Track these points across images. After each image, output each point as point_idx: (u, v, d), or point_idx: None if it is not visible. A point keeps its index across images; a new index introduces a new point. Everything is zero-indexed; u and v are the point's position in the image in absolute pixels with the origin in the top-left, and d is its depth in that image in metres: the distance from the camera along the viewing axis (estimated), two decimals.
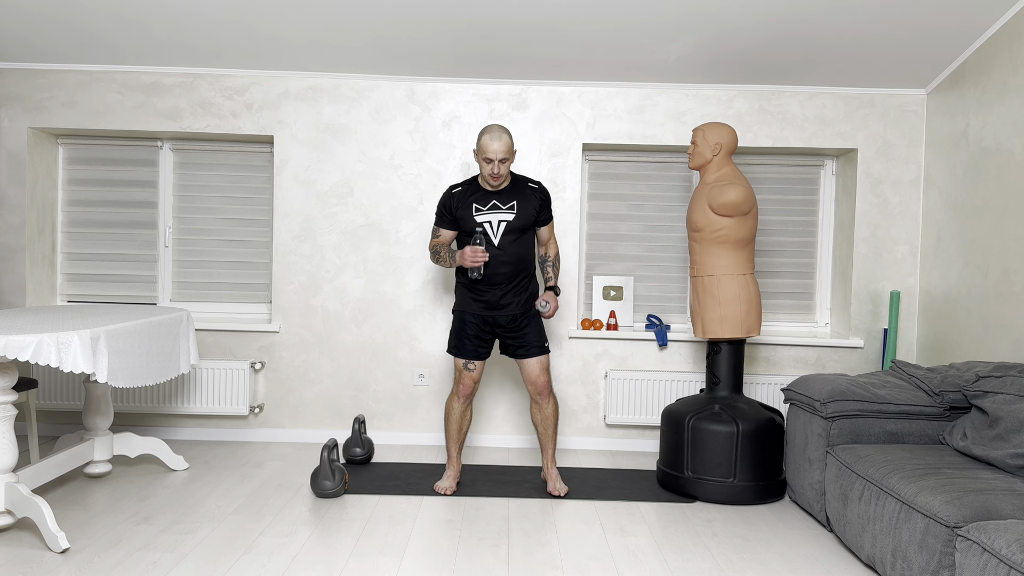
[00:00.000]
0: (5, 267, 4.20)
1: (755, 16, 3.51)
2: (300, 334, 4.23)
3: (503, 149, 3.14)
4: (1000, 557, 1.90)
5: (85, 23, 3.73)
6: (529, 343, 3.33)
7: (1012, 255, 3.37)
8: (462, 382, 3.37)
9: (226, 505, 3.19)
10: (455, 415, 3.41)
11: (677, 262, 4.42)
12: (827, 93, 4.17)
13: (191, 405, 4.16)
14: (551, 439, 3.43)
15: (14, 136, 4.17)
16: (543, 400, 3.39)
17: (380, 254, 4.22)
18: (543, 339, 3.36)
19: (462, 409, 3.41)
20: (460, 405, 3.40)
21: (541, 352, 3.35)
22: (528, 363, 3.34)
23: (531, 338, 3.33)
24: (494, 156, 3.14)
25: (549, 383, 3.38)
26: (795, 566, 2.71)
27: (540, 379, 3.35)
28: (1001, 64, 3.49)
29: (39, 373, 4.18)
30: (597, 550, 2.81)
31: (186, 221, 4.41)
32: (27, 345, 2.52)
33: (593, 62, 3.96)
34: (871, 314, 4.20)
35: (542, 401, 3.39)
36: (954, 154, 3.86)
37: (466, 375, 3.36)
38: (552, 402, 3.41)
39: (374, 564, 2.63)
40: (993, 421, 2.65)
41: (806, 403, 3.18)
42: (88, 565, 2.55)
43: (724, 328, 3.43)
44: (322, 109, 4.19)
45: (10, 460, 2.74)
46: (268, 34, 3.79)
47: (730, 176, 3.45)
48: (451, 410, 3.41)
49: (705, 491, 3.36)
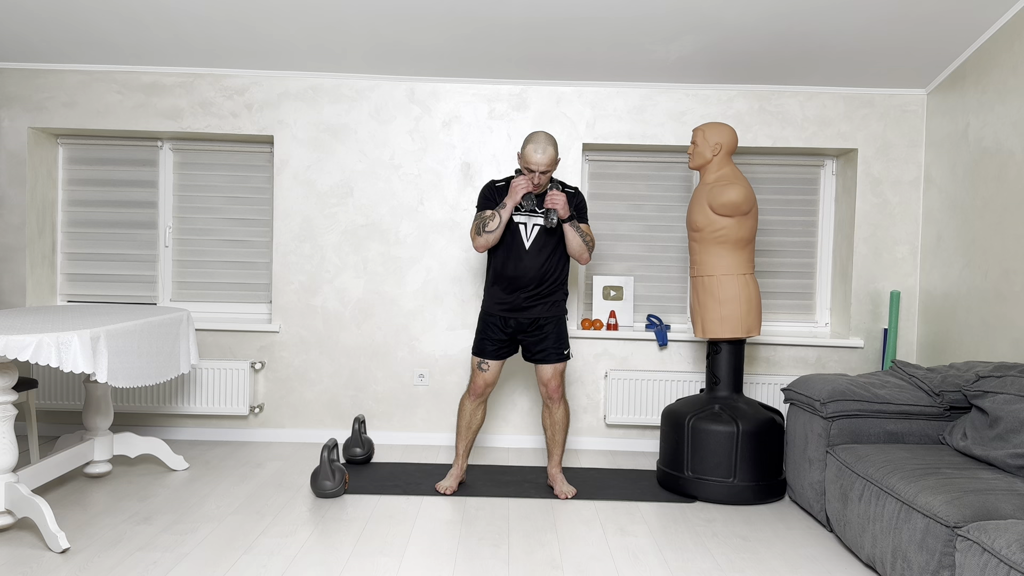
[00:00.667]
0: (5, 267, 4.20)
1: (755, 16, 3.51)
2: (300, 334, 4.23)
3: (546, 161, 3.14)
4: (1000, 557, 1.90)
5: (85, 23, 3.73)
6: (548, 348, 3.33)
7: (1012, 255, 3.37)
8: (475, 381, 3.38)
9: (226, 505, 3.19)
10: (465, 413, 3.41)
11: (677, 262, 4.42)
12: (827, 93, 4.17)
13: (191, 405, 4.16)
14: (559, 444, 3.43)
15: (14, 136, 4.17)
16: (554, 404, 3.39)
17: (380, 254, 4.22)
18: (563, 346, 3.35)
19: (473, 408, 3.41)
20: (471, 404, 3.41)
21: (560, 359, 3.34)
22: (543, 368, 3.35)
23: (550, 343, 3.33)
24: (535, 168, 3.15)
25: (561, 388, 3.38)
26: (795, 566, 2.71)
27: (552, 382, 3.35)
28: (1001, 64, 3.49)
29: (39, 373, 4.18)
30: (597, 550, 2.81)
31: (186, 221, 4.41)
32: (27, 345, 2.52)
33: (593, 62, 3.97)
34: (871, 314, 4.20)
35: (552, 405, 3.39)
36: (954, 154, 3.86)
37: (479, 375, 3.37)
38: (563, 408, 3.41)
39: (374, 564, 2.63)
40: (993, 421, 2.65)
41: (806, 403, 3.18)
42: (88, 565, 2.55)
43: (724, 328, 3.43)
44: (322, 109, 4.19)
45: (10, 460, 2.74)
46: (268, 34, 3.80)
47: (730, 176, 3.45)
48: (462, 408, 3.42)
49: (705, 491, 3.36)
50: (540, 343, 3.33)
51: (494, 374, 3.37)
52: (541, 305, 3.31)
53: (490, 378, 3.37)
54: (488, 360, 3.35)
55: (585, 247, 3.29)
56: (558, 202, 3.16)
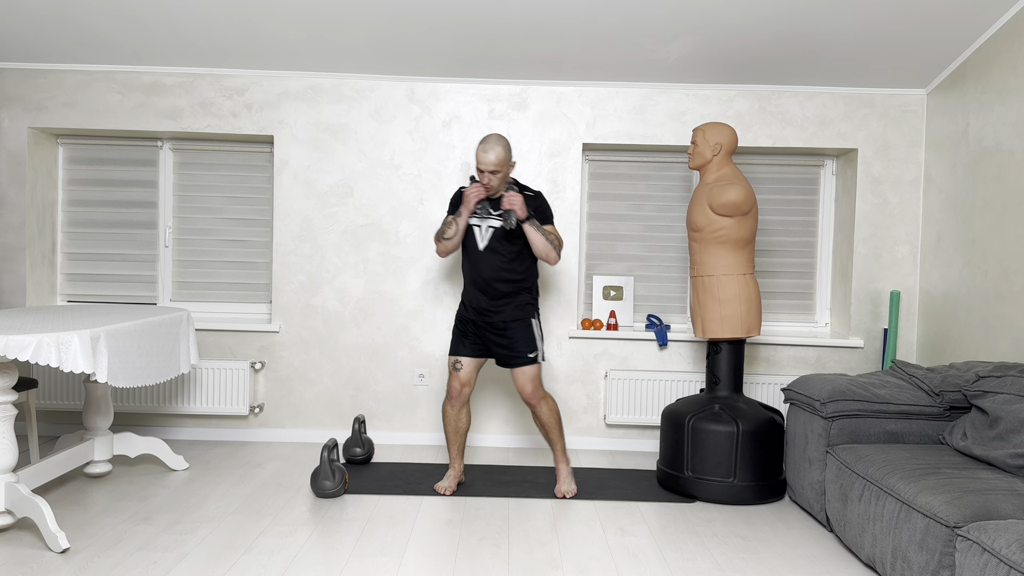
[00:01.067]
0: (5, 267, 4.20)
1: (755, 16, 3.51)
2: (300, 334, 4.23)
3: (493, 160, 3.16)
4: (1000, 557, 1.90)
5: (85, 23, 3.73)
6: (515, 352, 3.30)
7: (1012, 255, 3.37)
8: (451, 383, 3.37)
9: (226, 505, 3.19)
10: (449, 418, 3.41)
11: (677, 262, 4.42)
12: (827, 93, 4.17)
13: (191, 405, 4.16)
14: (555, 441, 3.41)
15: (14, 136, 4.17)
16: (534, 407, 3.37)
17: (380, 254, 4.22)
18: (530, 349, 3.31)
19: (455, 413, 3.39)
20: (452, 409, 3.39)
21: (525, 363, 3.30)
22: (514, 373, 3.34)
23: (518, 347, 3.30)
24: (484, 168, 3.18)
25: (536, 392, 3.34)
26: (795, 566, 2.71)
27: (525, 388, 3.33)
28: (1001, 64, 3.49)
29: (39, 373, 4.18)
30: (597, 550, 2.81)
31: (186, 221, 4.41)
32: (27, 345, 2.52)
33: (593, 62, 3.97)
34: (871, 314, 4.20)
35: (533, 408, 3.38)
36: (954, 154, 3.86)
37: (454, 376, 3.36)
38: (544, 407, 3.37)
39: (374, 564, 2.63)
40: (993, 421, 2.65)
41: (806, 403, 3.18)
42: (88, 565, 2.55)
43: (724, 328, 3.43)
44: (322, 109, 4.19)
45: (10, 460, 2.74)
46: (268, 34, 3.80)
47: (730, 176, 3.45)
48: (445, 413, 3.42)
49: (705, 491, 3.36)
50: (505, 348, 3.31)
51: (468, 374, 3.36)
52: (505, 308, 3.29)
53: (465, 378, 3.36)
54: (461, 359, 3.35)
55: (551, 247, 3.24)
56: (515, 202, 3.14)
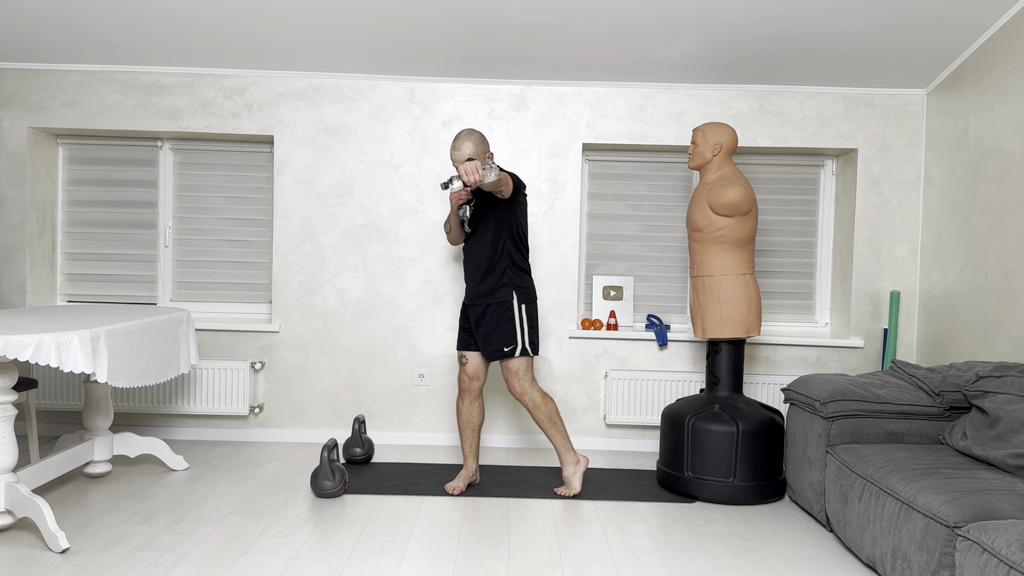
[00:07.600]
0: (5, 267, 4.19)
1: (755, 16, 3.51)
2: (300, 334, 4.23)
3: (462, 158, 3.20)
4: (1000, 557, 1.90)
5: (85, 23, 3.73)
6: (490, 345, 3.26)
7: (1012, 255, 3.37)
8: (460, 377, 3.41)
9: (226, 505, 3.19)
10: (462, 412, 3.42)
11: (677, 262, 4.42)
12: (827, 93, 4.17)
13: (191, 405, 4.16)
14: (554, 438, 3.37)
15: (14, 136, 4.17)
16: (523, 404, 3.35)
17: (380, 254, 4.22)
18: (507, 342, 3.25)
19: (466, 407, 3.40)
20: (463, 403, 3.41)
21: (502, 356, 3.26)
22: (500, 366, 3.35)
23: (493, 339, 3.25)
24: (454, 162, 3.22)
25: (517, 387, 3.29)
26: (795, 566, 2.71)
27: (509, 381, 3.32)
28: (1001, 64, 3.49)
29: (39, 373, 4.18)
30: (597, 550, 2.81)
31: (186, 221, 4.41)
32: (27, 345, 2.52)
33: (593, 62, 3.96)
34: (871, 314, 4.20)
35: (524, 405, 3.37)
36: (954, 154, 3.86)
37: (462, 370, 3.40)
38: (530, 403, 3.32)
39: (374, 564, 2.63)
40: (993, 421, 2.65)
41: (806, 403, 3.18)
42: (88, 565, 2.55)
43: (724, 328, 3.43)
44: (322, 109, 4.19)
45: (10, 460, 2.74)
46: (268, 34, 3.79)
47: (730, 176, 3.45)
48: (458, 408, 3.43)
49: (705, 491, 3.36)
50: (482, 338, 3.29)
51: (476, 367, 3.37)
52: (485, 294, 3.29)
53: (472, 371, 3.37)
54: (466, 353, 3.38)
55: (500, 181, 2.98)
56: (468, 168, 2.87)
